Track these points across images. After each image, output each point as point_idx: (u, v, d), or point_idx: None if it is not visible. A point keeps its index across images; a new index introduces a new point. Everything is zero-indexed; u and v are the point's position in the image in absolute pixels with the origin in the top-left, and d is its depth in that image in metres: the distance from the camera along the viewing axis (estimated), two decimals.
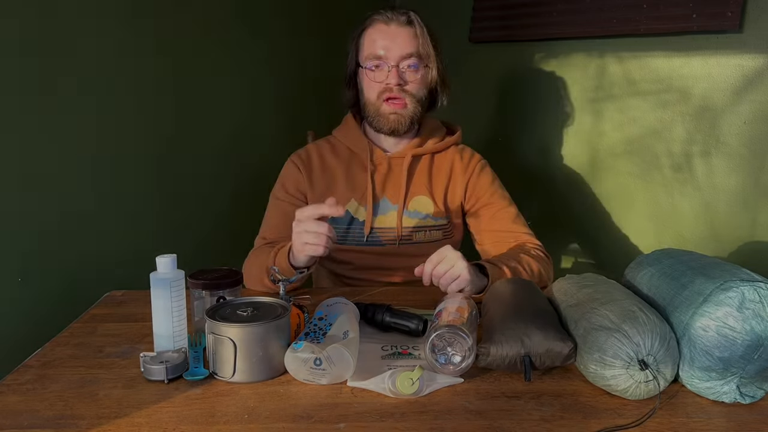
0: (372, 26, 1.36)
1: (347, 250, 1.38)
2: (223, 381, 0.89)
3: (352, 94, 1.45)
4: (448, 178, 1.42)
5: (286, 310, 0.92)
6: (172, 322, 0.93)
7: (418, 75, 1.35)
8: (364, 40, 1.37)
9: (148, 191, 1.58)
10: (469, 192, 1.42)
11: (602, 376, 0.83)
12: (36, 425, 0.78)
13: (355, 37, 1.40)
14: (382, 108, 1.35)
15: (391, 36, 1.33)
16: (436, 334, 0.88)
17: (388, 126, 1.36)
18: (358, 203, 1.38)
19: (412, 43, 1.33)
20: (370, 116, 1.38)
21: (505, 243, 1.36)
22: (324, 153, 1.43)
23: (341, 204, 1.35)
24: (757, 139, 1.49)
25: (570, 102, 1.91)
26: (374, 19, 1.36)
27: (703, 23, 1.54)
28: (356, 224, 1.37)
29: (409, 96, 1.35)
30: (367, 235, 1.36)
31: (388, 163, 1.41)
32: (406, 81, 1.34)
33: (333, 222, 1.37)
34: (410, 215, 1.38)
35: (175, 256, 0.94)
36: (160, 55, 1.58)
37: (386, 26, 1.34)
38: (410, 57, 1.33)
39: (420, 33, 1.34)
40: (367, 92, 1.37)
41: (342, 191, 1.38)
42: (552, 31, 1.89)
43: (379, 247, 1.37)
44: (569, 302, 0.97)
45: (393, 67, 1.33)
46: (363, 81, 1.38)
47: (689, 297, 0.85)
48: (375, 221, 1.37)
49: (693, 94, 1.60)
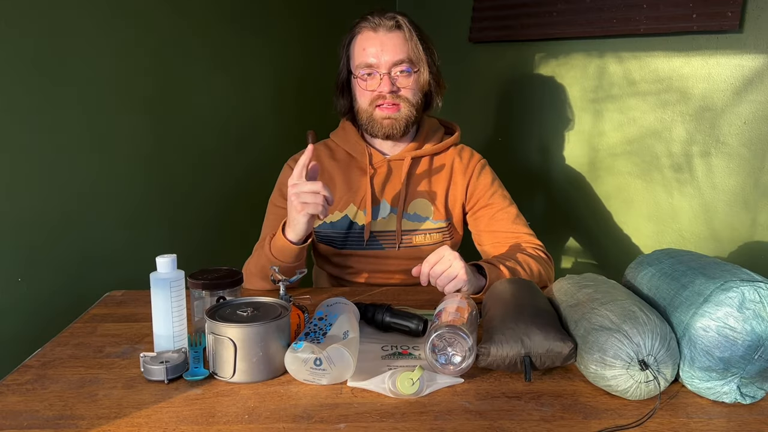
0: (360, 33, 1.35)
1: (346, 254, 1.38)
2: (223, 381, 0.89)
3: (346, 102, 1.43)
4: (448, 179, 1.41)
5: (286, 310, 0.92)
6: (172, 322, 0.93)
7: (410, 79, 1.34)
8: (354, 48, 1.36)
9: (148, 191, 1.58)
10: (470, 193, 1.41)
11: (602, 376, 0.83)
12: (36, 425, 0.77)
13: (345, 44, 1.39)
14: (375, 114, 1.35)
15: (380, 43, 1.32)
16: (436, 334, 0.88)
17: (383, 131, 1.36)
18: (357, 207, 1.37)
19: (402, 49, 1.32)
20: (364, 122, 1.37)
21: (506, 244, 1.35)
22: (322, 157, 1.42)
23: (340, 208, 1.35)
24: (757, 139, 1.49)
25: (570, 102, 1.90)
26: (362, 26, 1.35)
27: (703, 23, 1.54)
28: (355, 228, 1.37)
29: (403, 100, 1.34)
30: (367, 240, 1.36)
31: (387, 166, 1.40)
32: (398, 87, 1.34)
33: (332, 227, 1.37)
34: (409, 218, 1.38)
35: (175, 256, 0.94)
36: (161, 55, 1.58)
37: (374, 33, 1.32)
38: (401, 63, 1.32)
39: (409, 37, 1.33)
40: (360, 100, 1.37)
41: (340, 195, 1.38)
42: (552, 31, 1.89)
43: (378, 250, 1.37)
44: (569, 302, 0.97)
45: (385, 75, 1.32)
46: (356, 89, 1.37)
47: (689, 297, 0.85)
48: (374, 225, 1.37)
49: (693, 94, 1.60)
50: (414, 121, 1.38)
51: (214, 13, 1.74)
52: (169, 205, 1.65)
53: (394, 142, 1.41)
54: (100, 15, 1.41)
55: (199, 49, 1.70)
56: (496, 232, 1.38)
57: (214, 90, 1.77)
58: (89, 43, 1.39)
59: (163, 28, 1.58)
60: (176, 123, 1.65)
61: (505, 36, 2.05)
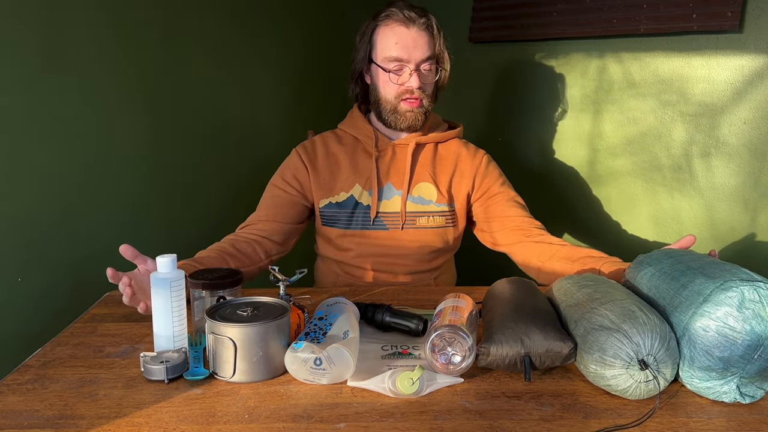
0: (389, 26, 1.37)
1: (351, 234, 1.40)
2: (223, 381, 0.89)
3: (361, 89, 1.48)
4: (453, 166, 1.45)
5: (286, 310, 0.92)
6: (172, 322, 0.93)
7: (432, 76, 1.40)
8: (381, 38, 1.38)
9: (148, 191, 1.58)
10: (478, 182, 1.45)
11: (602, 376, 0.83)
12: (36, 425, 0.78)
13: (367, 31, 1.41)
14: (399, 106, 1.39)
15: (413, 40, 1.35)
16: (436, 334, 0.88)
17: (406, 123, 1.40)
18: (362, 188, 1.40)
19: (431, 46, 1.37)
20: (386, 112, 1.41)
21: (522, 228, 1.39)
22: (329, 143, 1.47)
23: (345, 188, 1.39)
24: (757, 139, 1.49)
25: (570, 102, 1.90)
26: (393, 18, 1.36)
27: (703, 23, 1.54)
28: (360, 208, 1.40)
29: (425, 95, 1.39)
30: (373, 219, 1.39)
31: (392, 149, 1.43)
32: (424, 83, 1.38)
33: (338, 207, 1.39)
34: (414, 201, 1.41)
35: (175, 256, 0.94)
36: (160, 54, 1.58)
37: (407, 29, 1.35)
38: (428, 60, 1.37)
39: (436, 35, 1.38)
40: (384, 91, 1.40)
41: (346, 176, 1.42)
42: (552, 31, 1.89)
43: (383, 231, 1.39)
44: (569, 302, 0.97)
45: (414, 71, 1.36)
46: (379, 79, 1.40)
47: (689, 297, 0.85)
48: (379, 206, 1.40)
49: (693, 95, 1.60)
50: (429, 114, 1.44)
51: (213, 11, 1.74)
52: (169, 205, 1.65)
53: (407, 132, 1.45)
54: (100, 13, 1.41)
55: (199, 47, 1.70)
56: (512, 218, 1.41)
57: (215, 89, 1.77)
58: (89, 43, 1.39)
59: (163, 26, 1.58)
60: (176, 122, 1.65)
61: (505, 36, 2.05)
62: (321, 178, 1.42)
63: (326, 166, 1.43)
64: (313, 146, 1.46)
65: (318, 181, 1.42)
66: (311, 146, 1.46)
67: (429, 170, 1.43)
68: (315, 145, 1.46)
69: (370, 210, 1.39)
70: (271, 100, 2.00)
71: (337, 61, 2.20)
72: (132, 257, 1.06)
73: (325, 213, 1.42)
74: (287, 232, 1.41)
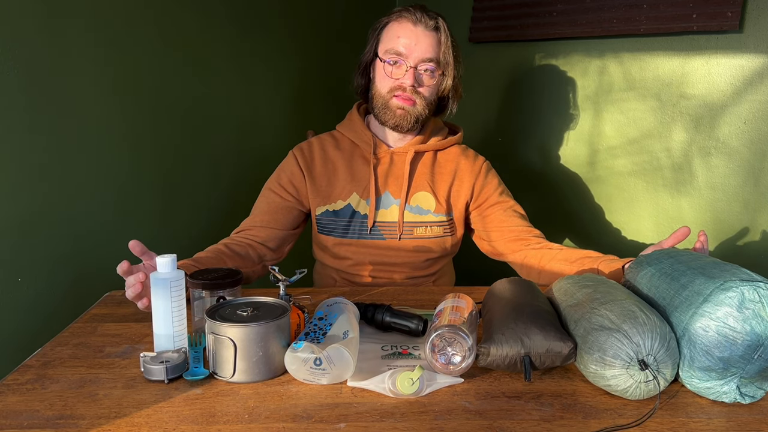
0: (398, 22, 1.37)
1: (348, 244, 1.39)
2: (223, 381, 0.89)
3: (364, 83, 1.46)
4: (452, 176, 1.43)
5: (286, 310, 0.92)
6: (172, 322, 0.93)
7: (433, 80, 1.38)
8: (387, 33, 1.38)
9: (148, 191, 1.58)
10: (477, 192, 1.44)
11: (602, 376, 0.83)
12: (36, 425, 0.77)
13: (378, 28, 1.41)
14: (391, 102, 1.37)
15: (416, 37, 1.34)
16: (436, 334, 0.88)
17: (393, 120, 1.38)
18: (360, 196, 1.39)
19: (435, 49, 1.36)
20: (377, 107, 1.40)
21: (521, 239, 1.39)
22: (326, 146, 1.45)
23: (342, 197, 1.37)
24: (757, 139, 1.49)
25: (570, 102, 1.91)
26: (403, 15, 1.37)
27: (703, 23, 1.54)
28: (357, 217, 1.38)
29: (419, 97, 1.37)
30: (371, 228, 1.37)
31: (390, 157, 1.42)
32: (420, 83, 1.37)
33: (335, 215, 1.38)
34: (412, 210, 1.39)
35: (175, 256, 0.94)
36: (160, 54, 1.58)
37: (413, 26, 1.35)
38: (429, 62, 1.35)
39: (444, 41, 1.37)
40: (379, 84, 1.39)
41: (344, 184, 1.40)
42: (552, 31, 1.89)
43: (380, 240, 1.38)
44: (569, 302, 0.97)
45: (411, 68, 1.34)
46: (377, 72, 1.40)
47: (689, 297, 0.85)
48: (377, 215, 1.38)
49: (693, 94, 1.60)
50: (424, 120, 1.41)
51: (213, 11, 1.74)
52: (169, 205, 1.65)
53: (399, 135, 1.43)
54: (100, 14, 1.41)
55: (200, 48, 1.70)
56: (512, 227, 1.41)
57: (214, 89, 1.77)
58: (90, 42, 1.39)
59: (163, 27, 1.58)
60: (176, 122, 1.65)
61: (505, 36, 2.05)
62: (318, 184, 1.41)
63: (323, 173, 1.41)
64: (311, 150, 1.44)
65: (315, 187, 1.41)
66: (308, 150, 1.44)
67: (428, 179, 1.41)
68: (312, 149, 1.44)
69: (367, 219, 1.38)
70: (270, 101, 2.00)
71: (337, 61, 2.20)
72: (140, 253, 1.06)
73: (322, 220, 1.41)
74: (282, 238, 1.40)
